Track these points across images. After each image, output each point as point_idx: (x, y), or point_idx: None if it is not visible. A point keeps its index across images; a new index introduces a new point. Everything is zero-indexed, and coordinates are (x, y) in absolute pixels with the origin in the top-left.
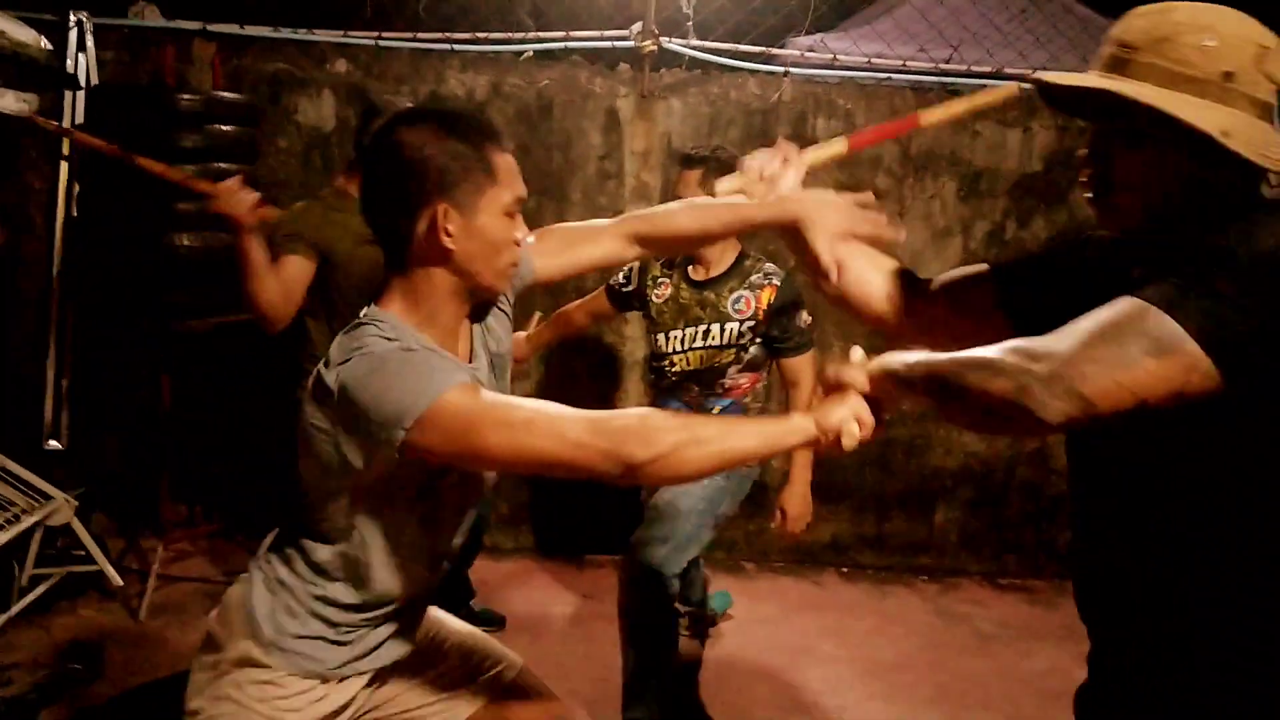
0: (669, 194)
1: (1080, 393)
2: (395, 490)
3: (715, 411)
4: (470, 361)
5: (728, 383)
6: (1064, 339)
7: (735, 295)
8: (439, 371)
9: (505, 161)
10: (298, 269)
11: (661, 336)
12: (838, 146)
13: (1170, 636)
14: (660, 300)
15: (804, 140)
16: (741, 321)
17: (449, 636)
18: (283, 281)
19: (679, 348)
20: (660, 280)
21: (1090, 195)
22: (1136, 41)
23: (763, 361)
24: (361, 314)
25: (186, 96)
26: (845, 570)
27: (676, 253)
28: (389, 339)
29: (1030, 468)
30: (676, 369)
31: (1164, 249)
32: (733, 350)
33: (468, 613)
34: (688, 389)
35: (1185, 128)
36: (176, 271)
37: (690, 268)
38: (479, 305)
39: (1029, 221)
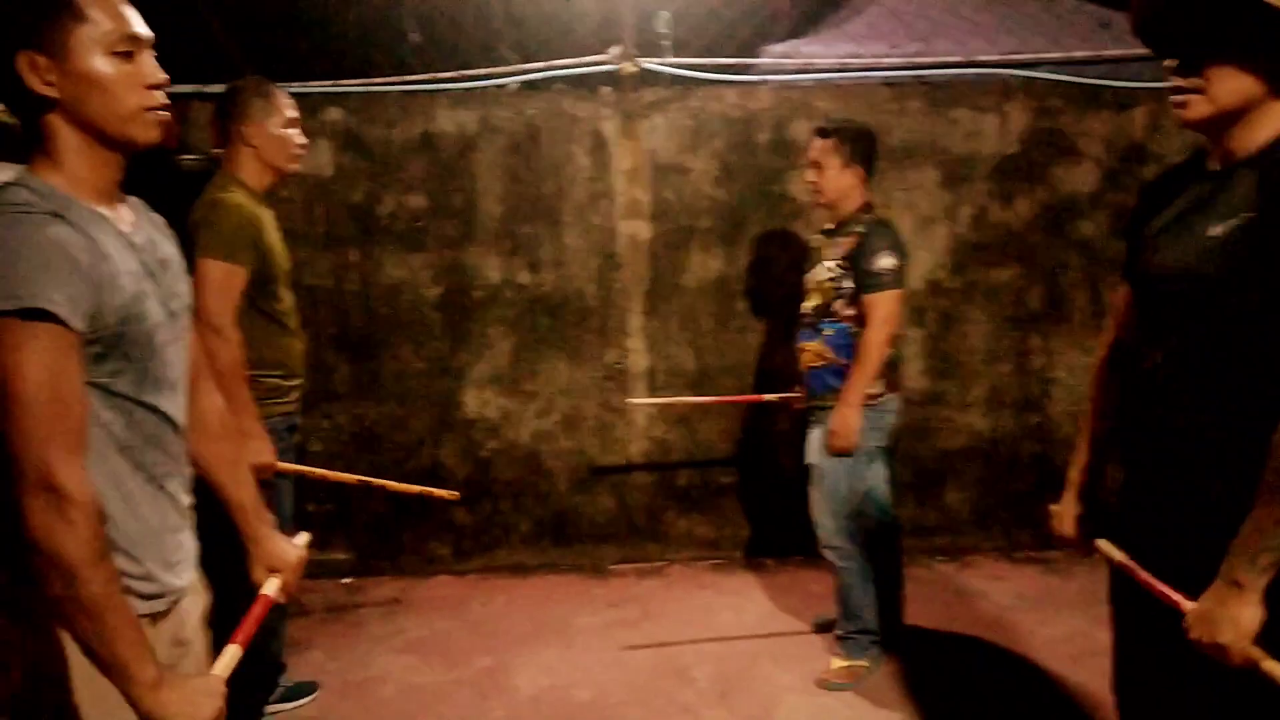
0: (659, 210)
1: None
2: None
3: (826, 333)
4: (131, 233)
5: (834, 313)
6: None
7: (835, 241)
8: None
9: None
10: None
11: (805, 278)
12: None
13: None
14: (810, 247)
15: (785, 146)
16: (835, 262)
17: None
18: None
19: (808, 285)
20: (816, 234)
21: (1176, 99)
22: None
23: None
24: (10, 178)
25: (189, 157)
26: None
27: None
28: (24, 204)
29: (1036, 442)
30: (806, 303)
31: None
32: (831, 285)
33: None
34: (808, 316)
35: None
36: None
37: (827, 222)
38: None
39: (1011, 202)
